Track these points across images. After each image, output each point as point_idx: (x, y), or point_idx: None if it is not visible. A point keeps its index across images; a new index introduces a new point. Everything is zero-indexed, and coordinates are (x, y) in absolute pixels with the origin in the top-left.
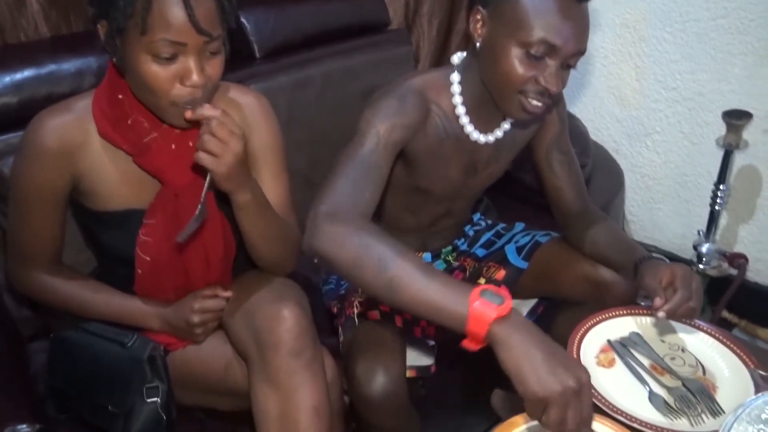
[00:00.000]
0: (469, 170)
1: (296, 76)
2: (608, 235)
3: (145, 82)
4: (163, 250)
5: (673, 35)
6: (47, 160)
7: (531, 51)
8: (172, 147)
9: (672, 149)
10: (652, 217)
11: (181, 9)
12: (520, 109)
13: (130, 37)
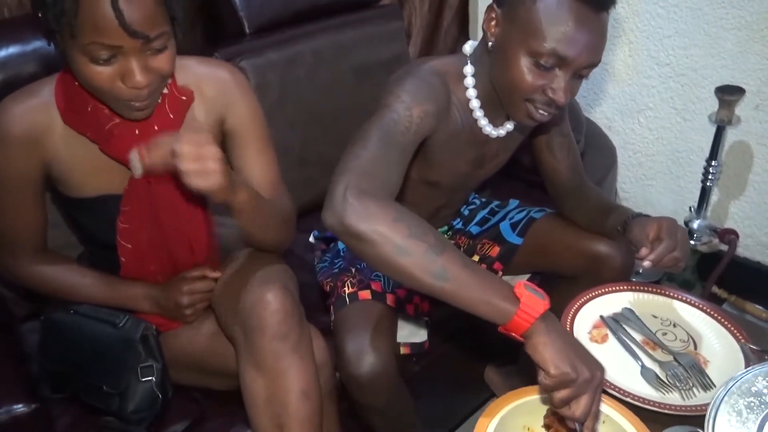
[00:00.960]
0: (477, 162)
1: (287, 53)
2: (600, 201)
3: (84, 81)
4: (142, 236)
5: (666, 10)
6: (13, 147)
7: (541, 61)
8: (136, 132)
9: (664, 125)
10: (644, 194)
11: (110, 13)
12: (526, 116)
13: (63, 37)
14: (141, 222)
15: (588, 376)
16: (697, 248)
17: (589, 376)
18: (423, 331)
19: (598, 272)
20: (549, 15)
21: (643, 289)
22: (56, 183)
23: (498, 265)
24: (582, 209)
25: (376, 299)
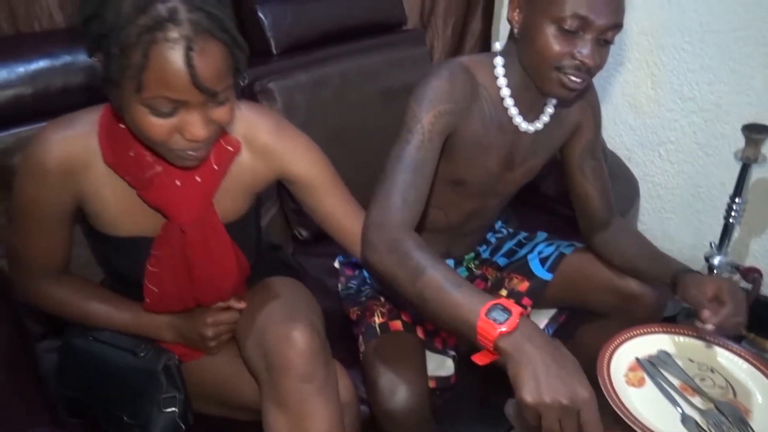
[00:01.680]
0: (507, 162)
1: (315, 75)
2: (639, 245)
3: (141, 132)
4: (170, 282)
5: (692, 45)
6: (47, 177)
7: (565, 26)
8: (177, 183)
9: (686, 159)
10: (662, 226)
11: (182, 69)
12: (559, 85)
13: (124, 89)
14: (171, 268)
15: (567, 402)
16: None
17: (568, 402)
18: (450, 365)
19: (630, 311)
20: None
21: (680, 331)
22: (88, 217)
23: (527, 300)
24: (616, 247)
25: (408, 330)
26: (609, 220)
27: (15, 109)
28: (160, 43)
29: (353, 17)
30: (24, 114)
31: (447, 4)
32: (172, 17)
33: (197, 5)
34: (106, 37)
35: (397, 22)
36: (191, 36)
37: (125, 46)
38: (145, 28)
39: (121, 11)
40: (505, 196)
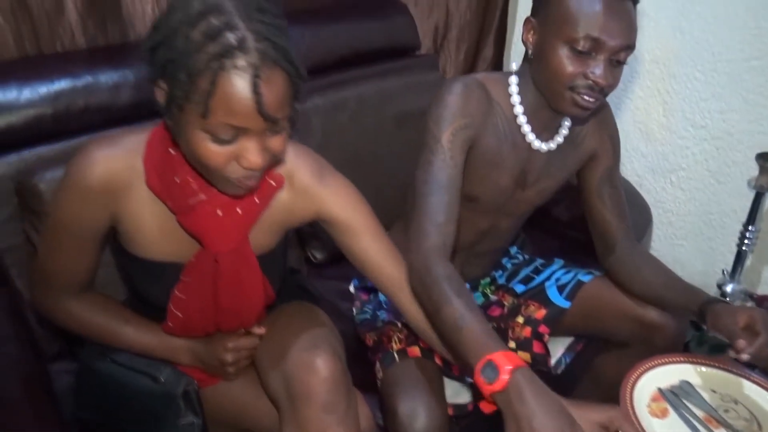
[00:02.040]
0: (519, 180)
1: (331, 98)
2: (662, 274)
3: (198, 158)
4: (196, 309)
5: (704, 74)
6: (88, 195)
7: (578, 47)
8: (218, 213)
9: (697, 187)
10: (673, 253)
11: (248, 95)
12: (572, 104)
13: (188, 115)
14: (198, 295)
15: None
16: None
17: None
18: (467, 392)
19: (650, 340)
20: (579, 4)
21: (702, 362)
22: (121, 237)
23: (544, 328)
24: (637, 275)
25: (426, 357)
26: (628, 247)
27: (35, 128)
28: (228, 70)
29: (369, 42)
30: (44, 133)
31: (460, 30)
32: (241, 46)
33: (264, 35)
34: (173, 63)
35: (412, 47)
36: (258, 64)
37: (194, 73)
38: (215, 55)
39: (191, 38)
40: (517, 217)
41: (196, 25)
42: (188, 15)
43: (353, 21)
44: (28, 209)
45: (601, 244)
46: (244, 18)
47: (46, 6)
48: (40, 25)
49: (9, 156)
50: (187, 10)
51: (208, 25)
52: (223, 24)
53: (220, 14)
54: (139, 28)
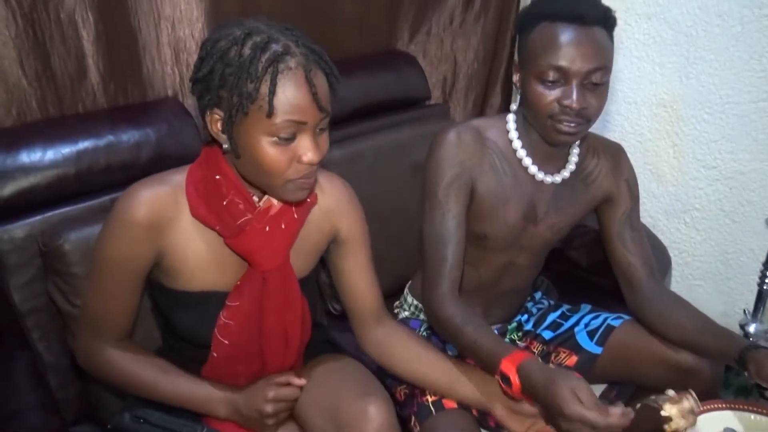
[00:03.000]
0: (528, 215)
1: (348, 150)
2: (695, 318)
3: (263, 165)
4: (243, 333)
5: (712, 116)
6: (136, 231)
7: (547, 78)
8: (266, 229)
9: (712, 226)
10: (691, 294)
11: (306, 89)
12: (555, 132)
13: (251, 121)
14: (246, 318)
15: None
16: None
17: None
18: None
19: (685, 386)
20: (542, 38)
21: (745, 408)
22: (162, 274)
23: (576, 375)
24: (670, 319)
25: (462, 407)
26: (655, 289)
27: (58, 189)
28: (284, 71)
29: (381, 93)
30: (67, 193)
31: (467, 81)
32: (288, 51)
33: (302, 43)
34: (235, 77)
35: (422, 98)
36: (306, 64)
37: (255, 79)
38: (269, 61)
39: (243, 54)
40: (533, 254)
41: (244, 44)
42: (234, 38)
43: (366, 74)
44: (53, 270)
45: (627, 288)
46: (279, 33)
47: (70, 70)
48: (63, 88)
49: (33, 217)
50: (229, 36)
51: (254, 42)
52: (267, 38)
53: (260, 33)
54: (158, 87)
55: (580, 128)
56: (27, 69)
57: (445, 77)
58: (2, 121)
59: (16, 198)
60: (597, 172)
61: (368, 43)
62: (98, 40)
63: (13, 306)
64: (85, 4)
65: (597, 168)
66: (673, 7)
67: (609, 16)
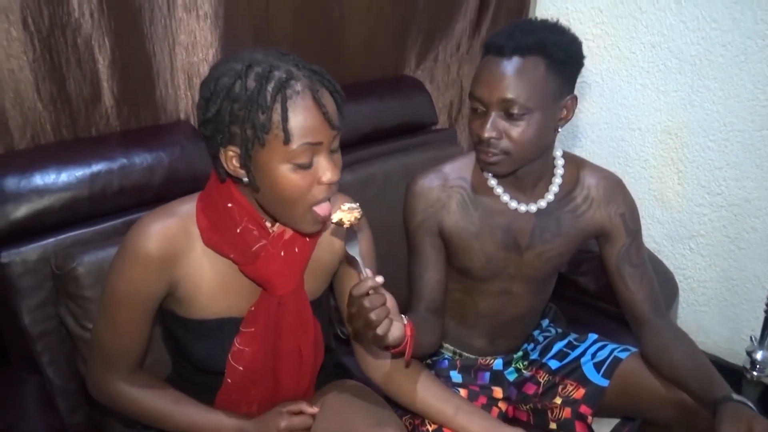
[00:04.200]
0: (508, 245)
1: (359, 174)
2: (688, 358)
3: (285, 193)
4: (258, 359)
5: (716, 143)
6: (148, 265)
7: (473, 107)
8: (281, 254)
9: (717, 252)
10: (697, 320)
11: (316, 110)
12: (479, 161)
13: (269, 151)
14: (261, 343)
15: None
16: (761, 380)
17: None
18: None
19: (692, 424)
20: (475, 72)
21: None
22: (175, 304)
23: (585, 408)
24: (665, 356)
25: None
26: (657, 324)
27: (71, 211)
28: (292, 96)
29: (389, 118)
30: (80, 216)
31: None
32: (291, 76)
33: (302, 66)
34: (245, 111)
35: (430, 122)
36: (311, 85)
37: (266, 109)
38: (276, 89)
39: (249, 87)
40: (529, 282)
41: (247, 77)
42: (236, 73)
43: (374, 99)
44: (65, 293)
45: (630, 321)
46: (278, 60)
47: (85, 93)
48: (77, 112)
49: (46, 240)
50: (230, 72)
51: (256, 73)
52: (268, 67)
53: (260, 63)
54: (170, 110)
55: (499, 159)
56: (42, 92)
57: (451, 102)
58: (16, 143)
59: (30, 220)
60: (587, 204)
61: (376, 69)
62: (113, 65)
63: (24, 329)
64: (102, 30)
65: (587, 200)
66: (677, 36)
67: (544, 45)
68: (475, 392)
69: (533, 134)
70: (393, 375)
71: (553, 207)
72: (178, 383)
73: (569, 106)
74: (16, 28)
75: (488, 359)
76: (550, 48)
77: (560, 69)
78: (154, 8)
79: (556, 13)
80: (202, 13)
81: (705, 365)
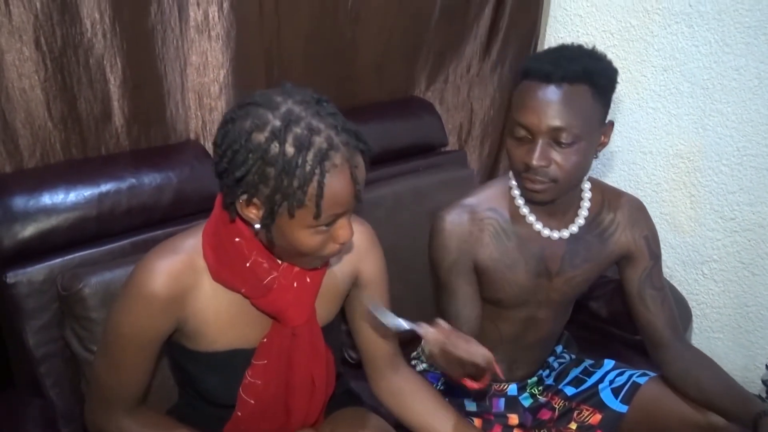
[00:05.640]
0: (541, 272)
1: (369, 196)
2: (716, 379)
3: (300, 251)
4: (270, 391)
5: (729, 167)
6: (156, 306)
7: (517, 135)
8: (294, 285)
9: (731, 278)
10: (710, 347)
11: (352, 186)
12: (525, 189)
13: (296, 220)
14: (273, 376)
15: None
16: None
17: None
18: None
19: None
20: (517, 96)
21: None
22: (184, 338)
23: None
24: (690, 379)
25: None
26: (678, 348)
27: (79, 231)
28: (330, 171)
29: (399, 140)
30: (88, 236)
31: (483, 128)
32: (332, 145)
33: (340, 127)
34: (280, 179)
35: (439, 144)
36: (349, 156)
37: (303, 183)
38: (316, 162)
39: (287, 154)
40: (554, 307)
41: (285, 140)
42: (272, 132)
43: (384, 120)
44: (71, 315)
45: (649, 345)
46: (316, 117)
47: (96, 113)
48: (87, 131)
49: (53, 260)
50: (266, 128)
51: (295, 136)
52: (308, 130)
53: (298, 122)
54: (180, 130)
55: (546, 187)
56: (53, 112)
57: (461, 124)
58: (26, 162)
59: (37, 240)
60: (614, 227)
61: (386, 90)
62: (124, 84)
63: (27, 350)
64: (114, 50)
65: (614, 223)
66: (689, 60)
67: (590, 73)
68: (489, 421)
69: (580, 161)
70: (404, 399)
71: (582, 232)
72: (184, 412)
73: (607, 132)
74: (29, 47)
75: (503, 385)
76: (595, 76)
77: (603, 96)
78: (166, 29)
79: (567, 36)
80: (214, 34)
81: (733, 384)
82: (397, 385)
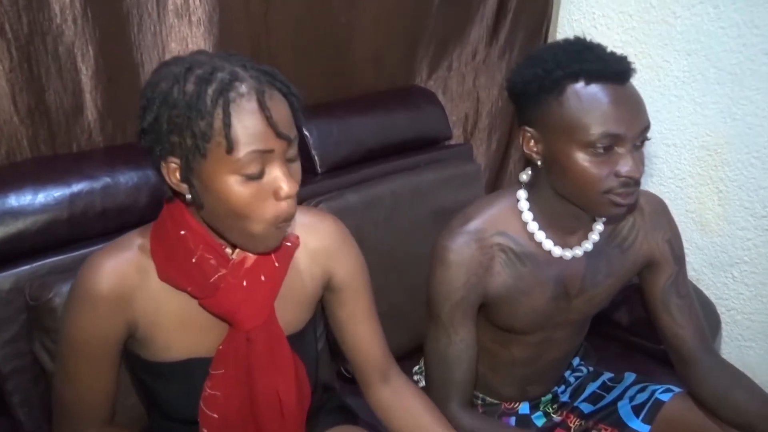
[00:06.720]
0: (559, 294)
1: (365, 195)
2: (753, 398)
3: (234, 210)
4: (233, 404)
5: (761, 160)
6: (101, 306)
7: (597, 149)
8: (243, 284)
9: (763, 282)
10: (741, 356)
11: (260, 115)
12: (611, 206)
13: (212, 162)
14: (234, 387)
15: None
16: None
17: None
18: None
19: None
20: (581, 105)
21: None
22: (137, 346)
23: None
24: (725, 399)
25: None
26: (708, 361)
27: (49, 234)
28: (235, 100)
29: (398, 133)
30: (58, 240)
31: (491, 119)
32: (235, 77)
33: (250, 66)
34: (184, 118)
35: (443, 137)
36: (257, 86)
37: (206, 115)
38: (217, 92)
39: (188, 91)
40: (572, 326)
41: (186, 80)
42: (174, 76)
43: (382, 112)
44: (41, 327)
45: (676, 359)
46: (224, 61)
47: (66, 106)
48: (57, 125)
49: (20, 267)
50: (169, 76)
51: (196, 75)
52: (210, 69)
53: (201, 65)
54: None
55: (635, 196)
56: (19, 104)
57: (466, 115)
58: None
59: (3, 245)
60: (634, 235)
61: (385, 79)
62: (97, 75)
63: None
64: (86, 37)
65: (633, 230)
66: (715, 44)
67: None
68: None
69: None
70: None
71: (600, 245)
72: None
73: None
74: None
75: (514, 404)
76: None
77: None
78: (142, 14)
79: (582, 18)
80: (195, 18)
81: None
82: (386, 397)
